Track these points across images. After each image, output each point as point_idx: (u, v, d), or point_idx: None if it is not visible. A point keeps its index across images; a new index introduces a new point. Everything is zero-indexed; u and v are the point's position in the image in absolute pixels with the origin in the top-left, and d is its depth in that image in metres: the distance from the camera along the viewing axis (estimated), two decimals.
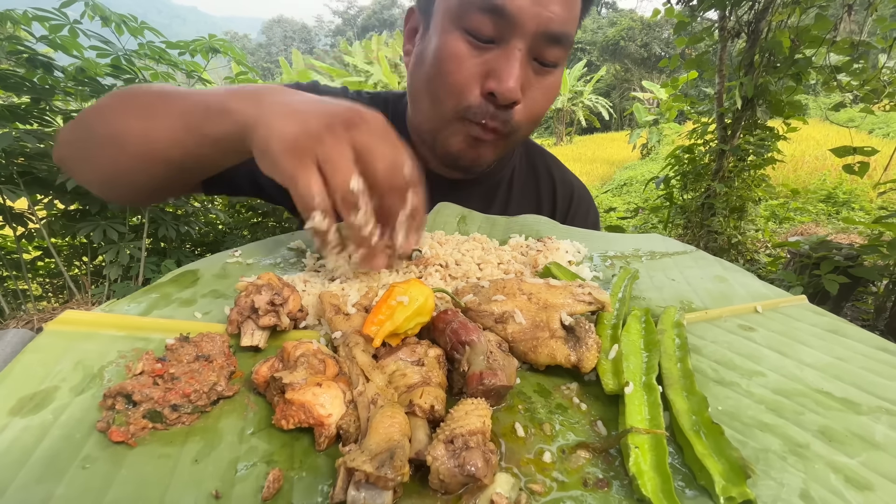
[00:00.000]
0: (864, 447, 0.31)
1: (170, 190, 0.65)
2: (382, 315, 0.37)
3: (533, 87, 0.66)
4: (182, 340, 0.37)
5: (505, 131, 0.68)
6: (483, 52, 0.63)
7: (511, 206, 0.88)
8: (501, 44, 0.62)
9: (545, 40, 0.61)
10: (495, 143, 0.70)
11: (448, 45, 0.64)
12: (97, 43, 2.21)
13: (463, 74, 0.64)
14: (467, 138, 0.69)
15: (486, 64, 0.63)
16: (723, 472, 0.27)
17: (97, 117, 0.58)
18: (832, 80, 2.79)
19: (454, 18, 0.63)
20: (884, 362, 0.39)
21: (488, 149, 0.71)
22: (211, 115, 0.50)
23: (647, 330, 0.42)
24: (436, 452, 0.28)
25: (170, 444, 0.30)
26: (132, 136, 0.54)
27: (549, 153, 0.98)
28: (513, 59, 0.61)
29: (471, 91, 0.64)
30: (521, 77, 0.62)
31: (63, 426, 0.30)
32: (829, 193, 6.19)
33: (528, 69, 0.64)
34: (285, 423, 0.31)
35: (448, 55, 0.64)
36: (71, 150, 0.61)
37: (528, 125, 0.70)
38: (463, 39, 0.63)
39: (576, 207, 0.93)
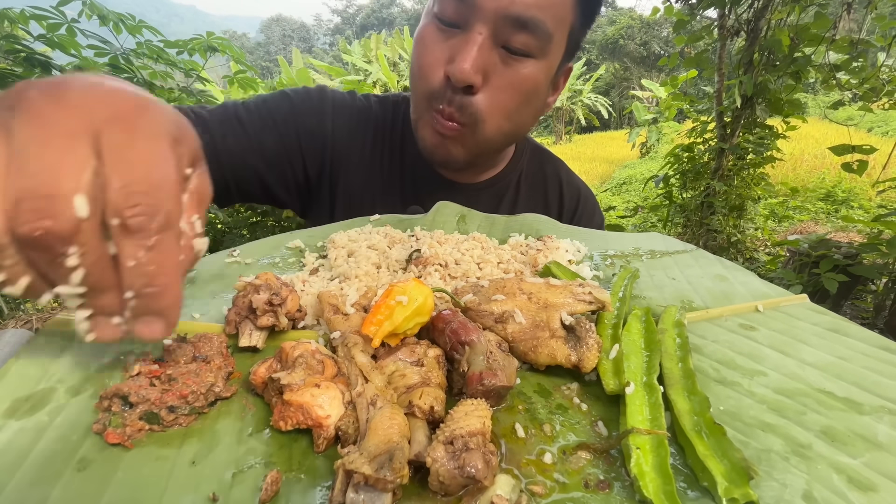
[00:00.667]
0: (866, 447, 0.31)
1: None
2: (381, 315, 0.37)
3: (499, 76, 0.64)
4: (179, 341, 0.37)
5: (463, 120, 0.65)
6: (449, 37, 0.63)
7: (518, 210, 0.88)
8: (465, 28, 0.62)
9: (510, 25, 0.60)
10: (461, 138, 0.68)
11: (421, 31, 0.67)
12: (95, 42, 2.21)
13: (428, 59, 0.65)
14: (433, 131, 0.68)
15: (451, 49, 0.63)
16: (725, 473, 0.27)
17: None
18: (831, 79, 2.79)
19: (430, 5, 0.66)
20: (886, 361, 0.39)
21: (456, 145, 0.69)
22: None
23: (648, 329, 0.42)
24: (435, 454, 0.27)
25: (167, 445, 0.29)
26: None
27: (558, 158, 0.98)
28: (471, 43, 0.60)
29: (434, 75, 0.64)
30: (481, 62, 0.61)
31: (59, 428, 0.30)
32: (829, 192, 6.19)
33: (492, 55, 0.62)
34: (283, 424, 0.31)
35: (419, 40, 0.67)
36: None
37: (496, 118, 0.67)
38: (433, 25, 0.65)
39: (581, 210, 0.93)
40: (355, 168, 0.82)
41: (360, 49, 12.41)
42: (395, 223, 0.66)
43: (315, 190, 0.84)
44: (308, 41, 67.02)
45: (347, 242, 0.58)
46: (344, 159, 0.82)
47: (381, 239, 0.59)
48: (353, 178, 0.82)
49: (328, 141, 0.81)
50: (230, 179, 0.75)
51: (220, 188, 0.71)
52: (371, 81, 10.74)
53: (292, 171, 0.80)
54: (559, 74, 0.74)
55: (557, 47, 0.67)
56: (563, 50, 0.69)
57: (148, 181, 0.27)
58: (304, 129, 0.79)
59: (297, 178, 0.81)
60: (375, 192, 0.82)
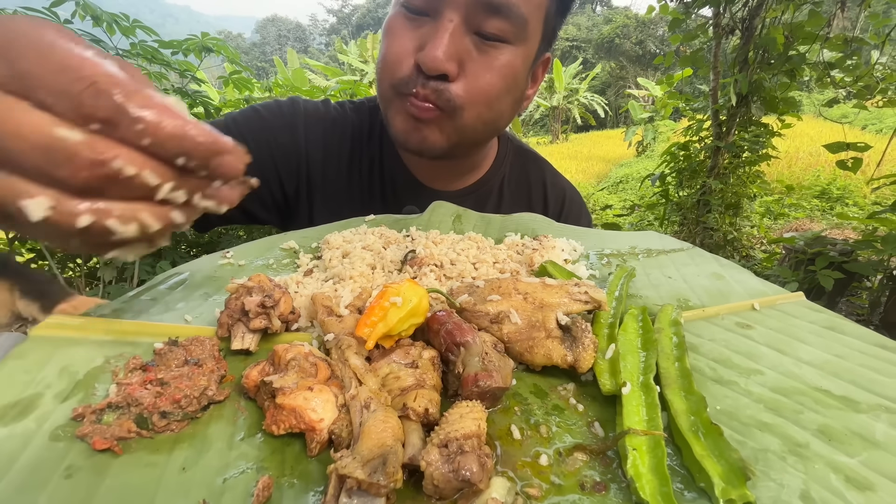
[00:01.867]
0: (864, 446, 0.30)
1: None
2: (375, 317, 0.37)
3: (474, 62, 0.62)
4: (171, 344, 0.37)
5: (442, 105, 0.63)
6: (419, 25, 0.62)
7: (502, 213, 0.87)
8: (435, 16, 0.61)
9: (482, 10, 0.59)
10: (438, 122, 0.65)
11: (389, 21, 0.65)
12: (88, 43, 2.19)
13: (397, 49, 0.63)
14: (406, 116, 0.66)
15: (421, 38, 0.61)
16: (722, 473, 0.27)
17: None
18: (826, 77, 2.80)
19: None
20: (882, 359, 0.39)
21: (433, 130, 0.66)
22: None
23: (645, 329, 0.41)
24: (430, 457, 0.27)
25: (156, 451, 0.29)
26: None
27: (543, 159, 0.96)
28: (442, 31, 0.59)
29: (404, 64, 0.62)
30: (454, 49, 0.60)
31: (46, 434, 0.29)
32: (824, 189, 6.22)
33: (465, 43, 0.61)
34: (276, 428, 0.31)
35: (387, 30, 0.65)
36: None
37: (476, 105, 0.65)
38: (401, 14, 0.63)
39: (567, 212, 0.92)
40: (333, 180, 0.81)
41: (356, 49, 12.39)
42: (390, 223, 0.66)
43: (293, 204, 0.82)
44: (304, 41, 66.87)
45: (342, 243, 0.57)
46: (320, 172, 0.80)
47: (376, 239, 0.58)
48: (332, 189, 0.81)
49: (303, 155, 0.79)
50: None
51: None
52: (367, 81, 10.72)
53: (269, 189, 0.79)
54: (537, 64, 0.73)
55: (534, 33, 0.65)
56: (539, 37, 0.67)
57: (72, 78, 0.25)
58: (276, 146, 0.77)
59: (274, 196, 0.80)
60: (355, 203, 0.81)
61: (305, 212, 0.81)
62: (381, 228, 0.62)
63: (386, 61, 0.65)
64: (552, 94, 16.14)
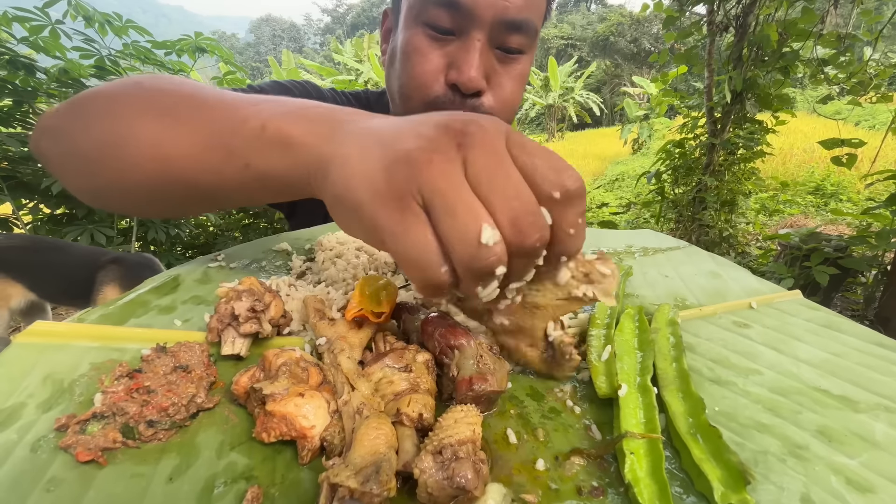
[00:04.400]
0: (864, 447, 0.30)
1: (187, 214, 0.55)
2: (354, 300, 0.38)
3: (499, 75, 0.66)
4: (158, 351, 0.36)
5: None
6: (444, 44, 0.64)
7: None
8: (461, 35, 0.62)
9: (504, 28, 0.62)
10: None
11: (411, 40, 0.65)
12: (80, 43, 2.17)
13: (426, 68, 0.64)
14: None
15: (448, 56, 0.63)
16: (721, 477, 0.26)
17: (95, 109, 0.43)
18: (819, 73, 2.81)
19: (415, 14, 0.63)
20: (880, 357, 0.39)
21: None
22: (263, 144, 0.36)
23: (641, 329, 0.41)
24: (423, 465, 0.26)
25: (143, 462, 0.28)
26: (145, 146, 0.40)
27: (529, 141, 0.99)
28: (472, 50, 0.61)
29: (435, 82, 0.64)
30: (483, 66, 0.62)
31: (28, 446, 0.28)
32: (818, 185, 6.25)
33: (490, 58, 0.64)
34: (266, 436, 0.30)
35: (411, 50, 0.65)
36: (57, 145, 0.45)
37: (504, 113, 0.69)
38: (424, 34, 0.64)
39: None
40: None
41: (351, 49, 12.35)
42: None
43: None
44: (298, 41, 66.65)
45: (335, 245, 0.56)
46: None
47: None
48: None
49: None
50: None
51: None
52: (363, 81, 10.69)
53: None
54: None
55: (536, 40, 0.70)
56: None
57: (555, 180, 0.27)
58: None
59: None
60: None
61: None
62: None
63: (417, 81, 0.66)
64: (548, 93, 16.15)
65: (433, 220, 0.26)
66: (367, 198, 0.28)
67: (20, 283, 1.76)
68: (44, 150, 0.47)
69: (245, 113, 0.38)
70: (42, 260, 1.76)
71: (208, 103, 0.40)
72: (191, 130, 0.39)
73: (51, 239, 1.94)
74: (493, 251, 0.25)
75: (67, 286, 1.77)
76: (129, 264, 1.79)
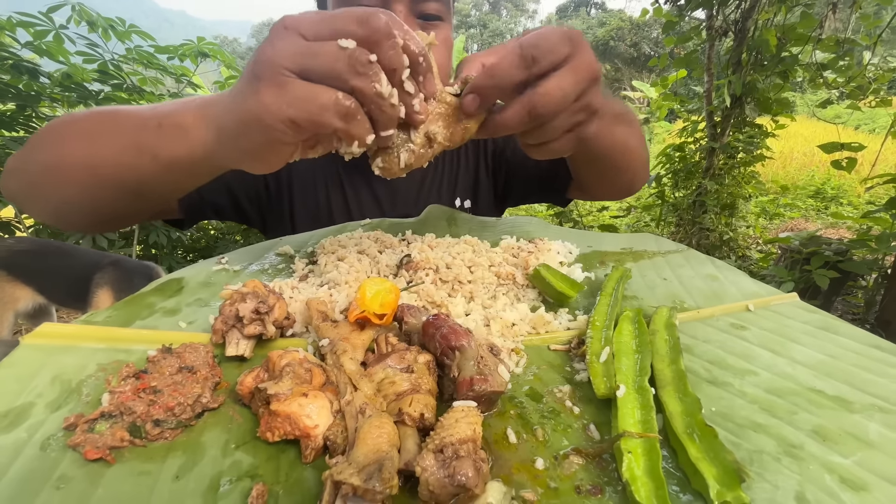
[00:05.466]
0: (858, 446, 0.30)
1: (129, 217, 0.62)
2: (356, 303, 0.40)
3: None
4: (164, 352, 0.36)
5: None
6: None
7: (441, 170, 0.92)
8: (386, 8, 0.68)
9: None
10: None
11: None
12: (84, 48, 2.19)
13: None
14: None
15: None
16: (717, 475, 0.27)
17: (38, 144, 0.53)
18: (818, 78, 2.82)
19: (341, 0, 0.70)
20: (875, 359, 0.39)
21: None
22: (163, 135, 0.45)
23: (640, 331, 0.41)
24: (425, 463, 0.27)
25: (150, 460, 0.29)
26: (75, 161, 0.49)
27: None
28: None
29: None
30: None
31: (38, 444, 0.29)
32: (818, 189, 6.25)
33: (414, 26, 0.70)
34: (270, 435, 0.31)
35: None
36: (16, 181, 0.55)
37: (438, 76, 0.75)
38: None
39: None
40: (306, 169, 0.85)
41: None
42: (386, 227, 0.66)
43: (275, 199, 0.85)
44: None
45: (337, 248, 0.57)
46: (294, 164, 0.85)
47: (371, 244, 0.58)
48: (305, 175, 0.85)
49: None
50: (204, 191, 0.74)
51: (195, 201, 0.72)
52: None
53: (254, 178, 0.81)
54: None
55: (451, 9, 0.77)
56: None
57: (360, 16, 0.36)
58: None
59: (257, 188, 0.83)
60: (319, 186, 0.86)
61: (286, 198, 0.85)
62: (377, 233, 0.62)
63: None
64: None
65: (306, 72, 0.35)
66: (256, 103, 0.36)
67: (29, 287, 1.77)
68: (10, 189, 0.56)
69: (146, 116, 0.47)
70: (49, 263, 1.78)
71: (120, 117, 0.49)
72: (108, 140, 0.48)
73: (57, 242, 1.95)
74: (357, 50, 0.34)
75: (72, 289, 1.79)
76: (125, 268, 1.80)
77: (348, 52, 0.34)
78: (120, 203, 0.53)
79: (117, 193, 0.50)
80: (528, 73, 0.38)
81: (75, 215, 0.56)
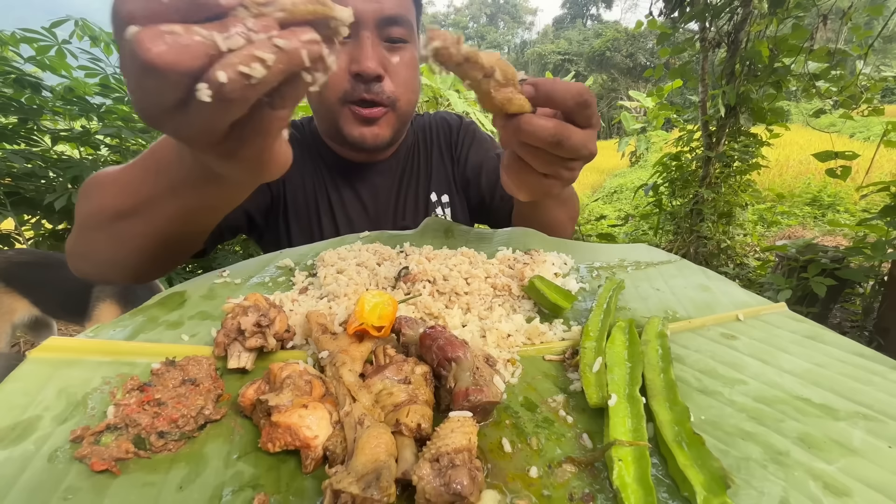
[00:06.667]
0: (842, 453, 0.31)
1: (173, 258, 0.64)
2: (355, 316, 0.41)
3: (392, 63, 0.79)
4: (168, 365, 0.37)
5: (384, 102, 0.79)
6: (343, 45, 0.76)
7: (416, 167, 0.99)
8: (354, 36, 0.75)
9: (386, 24, 0.76)
10: (386, 117, 0.81)
11: None
12: (86, 62, 2.22)
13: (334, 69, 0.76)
14: (357, 118, 0.80)
15: (348, 55, 0.76)
16: (704, 482, 0.28)
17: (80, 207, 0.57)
18: (811, 87, 2.87)
19: None
20: (861, 367, 0.40)
21: (382, 126, 0.82)
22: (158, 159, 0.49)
23: (632, 341, 0.42)
24: (421, 472, 0.28)
25: (154, 471, 0.30)
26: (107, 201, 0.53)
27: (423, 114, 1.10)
28: (365, 44, 0.75)
29: (342, 78, 0.77)
30: (377, 56, 0.75)
31: (45, 457, 0.30)
32: (815, 196, 6.30)
33: (381, 50, 0.77)
34: (271, 445, 0.31)
35: None
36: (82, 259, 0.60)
37: (404, 94, 0.82)
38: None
39: (461, 136, 1.03)
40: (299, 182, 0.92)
41: None
42: (384, 240, 0.67)
43: (273, 211, 0.91)
44: None
45: (337, 260, 0.58)
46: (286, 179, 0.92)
47: (370, 256, 0.59)
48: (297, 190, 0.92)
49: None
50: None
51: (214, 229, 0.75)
52: None
53: (261, 192, 0.87)
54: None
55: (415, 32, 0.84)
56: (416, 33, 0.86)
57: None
58: None
59: (266, 200, 0.89)
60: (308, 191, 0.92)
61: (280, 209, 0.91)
62: (376, 245, 0.64)
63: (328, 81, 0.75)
64: None
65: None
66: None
67: (26, 298, 1.77)
68: (81, 269, 0.62)
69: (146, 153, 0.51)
70: (48, 276, 1.79)
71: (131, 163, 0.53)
72: (126, 179, 0.52)
73: (58, 255, 1.96)
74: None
75: (68, 302, 1.79)
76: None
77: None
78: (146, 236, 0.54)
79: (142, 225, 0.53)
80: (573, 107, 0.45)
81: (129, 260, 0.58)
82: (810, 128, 4.73)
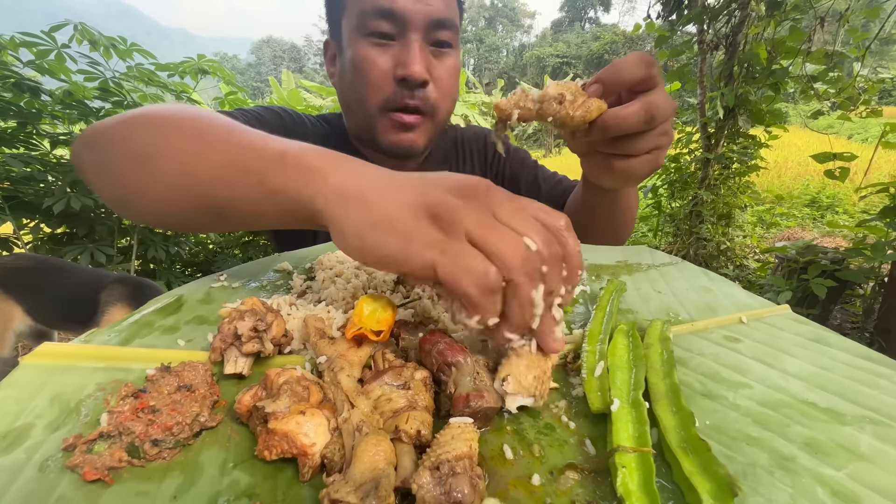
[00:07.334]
0: (849, 458, 0.31)
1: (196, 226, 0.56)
2: (354, 319, 0.40)
3: (437, 68, 0.77)
4: (163, 370, 0.37)
5: (426, 110, 0.78)
6: (388, 48, 0.75)
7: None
8: (401, 39, 0.74)
9: (434, 27, 0.74)
10: (422, 124, 0.80)
11: (359, 51, 0.75)
12: (85, 66, 2.22)
13: (376, 71, 0.75)
14: (395, 125, 0.79)
15: (394, 58, 0.74)
16: (710, 490, 0.27)
17: (136, 126, 0.49)
18: (809, 89, 2.87)
19: (358, 30, 0.74)
20: (867, 371, 0.40)
21: (419, 133, 0.81)
22: (282, 166, 0.41)
23: (634, 345, 0.42)
24: (421, 480, 0.27)
25: (148, 480, 0.29)
26: (173, 158, 0.46)
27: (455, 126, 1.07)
28: (413, 48, 0.73)
29: (386, 83, 0.75)
30: (423, 60, 0.74)
31: (36, 466, 0.29)
32: (814, 198, 6.31)
33: (427, 54, 0.76)
34: (268, 453, 0.31)
35: (361, 59, 0.75)
36: (97, 154, 0.52)
37: (444, 102, 0.81)
38: (369, 43, 0.74)
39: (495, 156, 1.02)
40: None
41: None
42: None
43: None
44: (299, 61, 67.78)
45: (335, 264, 0.58)
46: None
47: None
48: None
49: None
50: None
51: None
52: None
53: None
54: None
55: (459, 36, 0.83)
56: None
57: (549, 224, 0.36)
58: None
59: None
60: None
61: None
62: None
63: (371, 83, 0.76)
64: None
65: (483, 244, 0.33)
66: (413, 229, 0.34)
67: (21, 307, 1.75)
68: (84, 159, 0.53)
69: (267, 142, 0.44)
70: (44, 282, 1.76)
71: (235, 133, 0.46)
72: (217, 151, 0.45)
73: (56, 260, 1.94)
74: (538, 254, 0.33)
75: (66, 310, 1.76)
76: (136, 284, 1.79)
77: (528, 252, 0.33)
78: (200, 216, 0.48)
79: (202, 205, 0.46)
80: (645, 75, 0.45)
81: (147, 210, 0.51)
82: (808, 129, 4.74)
